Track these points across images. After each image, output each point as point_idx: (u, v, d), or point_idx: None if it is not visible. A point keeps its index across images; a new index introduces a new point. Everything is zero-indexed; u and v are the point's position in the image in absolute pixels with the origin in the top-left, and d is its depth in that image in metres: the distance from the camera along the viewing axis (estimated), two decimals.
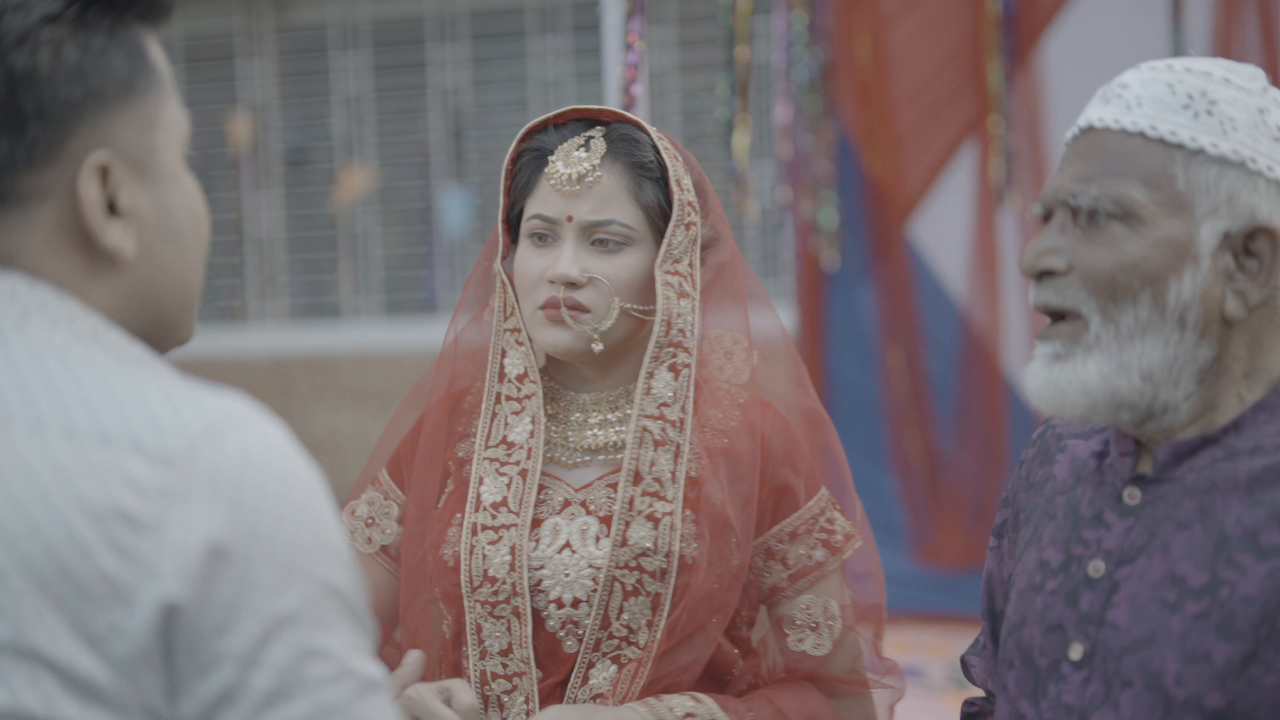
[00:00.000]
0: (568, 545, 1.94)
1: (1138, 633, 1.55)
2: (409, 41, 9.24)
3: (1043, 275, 1.61)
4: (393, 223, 9.61)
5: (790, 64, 4.85)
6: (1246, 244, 1.56)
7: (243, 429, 1.09)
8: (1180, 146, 1.56)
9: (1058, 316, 1.61)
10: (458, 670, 1.94)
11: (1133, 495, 1.62)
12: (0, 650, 1.04)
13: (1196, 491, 1.58)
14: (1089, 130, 1.61)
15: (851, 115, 5.74)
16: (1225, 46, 4.92)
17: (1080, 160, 1.61)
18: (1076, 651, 1.60)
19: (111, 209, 1.16)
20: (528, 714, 1.91)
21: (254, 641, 1.05)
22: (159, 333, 1.20)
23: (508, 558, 1.91)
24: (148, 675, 1.04)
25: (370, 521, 2.04)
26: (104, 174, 1.15)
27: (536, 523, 1.96)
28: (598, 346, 1.94)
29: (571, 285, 1.93)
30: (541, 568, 1.93)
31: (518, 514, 1.94)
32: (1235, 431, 1.58)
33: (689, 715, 1.89)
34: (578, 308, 1.93)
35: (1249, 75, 1.60)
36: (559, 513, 1.96)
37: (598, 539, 1.93)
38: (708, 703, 1.92)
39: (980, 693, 1.91)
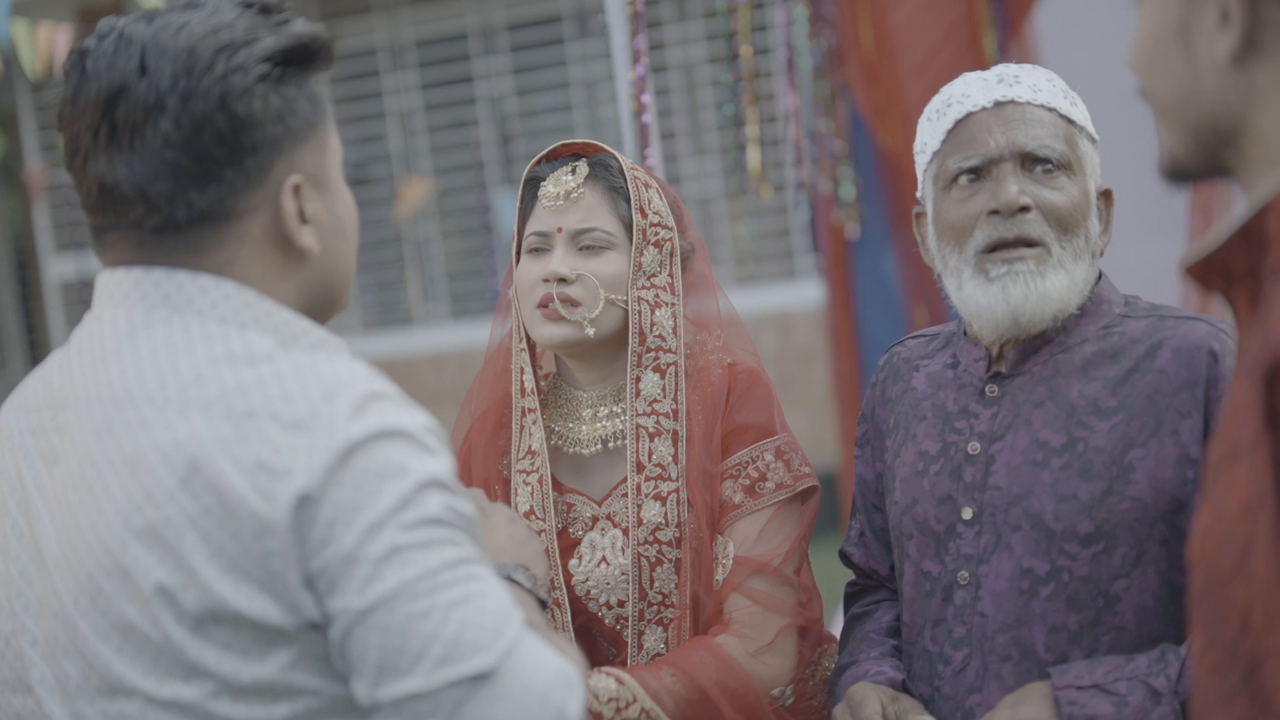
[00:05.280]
0: (604, 560, 2.21)
1: (1018, 489, 1.99)
2: (454, 58, 9.44)
3: (1016, 212, 1.97)
4: (452, 230, 9.81)
5: (793, 54, 5.20)
6: (1099, 200, 2.03)
7: (354, 388, 1.34)
8: (1072, 122, 2.01)
9: (1009, 245, 1.98)
10: None
11: (993, 390, 2.06)
12: (201, 618, 1.29)
13: (1044, 378, 2.02)
14: (1010, 103, 2.00)
15: (861, 95, 6.05)
16: None
17: (1019, 124, 1.99)
18: (967, 513, 2.03)
19: (301, 218, 1.44)
20: None
21: (375, 517, 1.30)
22: (326, 307, 1.49)
23: (544, 559, 2.26)
24: (295, 579, 1.29)
25: None
26: (296, 191, 1.43)
27: (575, 542, 2.23)
28: (591, 330, 2.18)
29: (563, 281, 2.19)
30: (587, 580, 2.21)
31: (544, 520, 2.22)
32: (1064, 331, 2.02)
33: (611, 699, 2.08)
34: (569, 301, 2.18)
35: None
36: (591, 528, 2.23)
37: (623, 550, 2.20)
38: (629, 683, 2.09)
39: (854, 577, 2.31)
